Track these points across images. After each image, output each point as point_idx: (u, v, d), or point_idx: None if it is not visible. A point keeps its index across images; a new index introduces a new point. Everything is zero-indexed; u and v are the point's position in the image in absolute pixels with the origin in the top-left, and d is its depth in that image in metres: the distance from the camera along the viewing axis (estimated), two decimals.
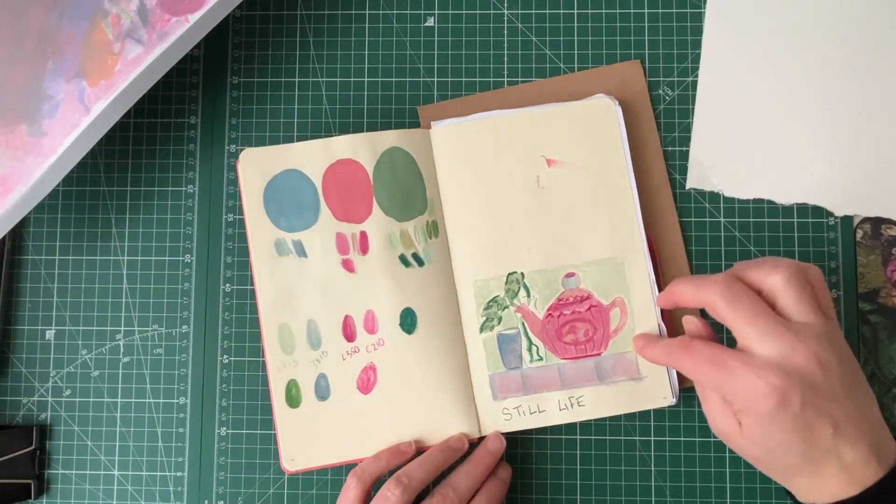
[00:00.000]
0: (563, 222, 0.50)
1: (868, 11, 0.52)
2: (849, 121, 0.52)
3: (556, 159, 0.51)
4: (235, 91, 0.54)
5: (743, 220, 0.52)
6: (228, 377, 0.52)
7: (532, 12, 0.54)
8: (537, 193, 0.51)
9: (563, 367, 0.50)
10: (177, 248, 0.53)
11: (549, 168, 0.51)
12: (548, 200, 0.51)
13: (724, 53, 0.53)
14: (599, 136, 0.51)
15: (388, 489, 0.45)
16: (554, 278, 0.50)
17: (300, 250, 0.50)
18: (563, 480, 0.51)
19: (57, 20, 0.47)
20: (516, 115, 0.51)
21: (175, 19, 0.46)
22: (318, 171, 0.50)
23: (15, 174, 0.47)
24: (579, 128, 0.51)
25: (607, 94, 0.51)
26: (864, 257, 0.52)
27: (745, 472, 0.50)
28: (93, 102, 0.46)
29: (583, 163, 0.51)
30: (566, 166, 0.51)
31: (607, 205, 0.50)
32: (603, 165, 0.51)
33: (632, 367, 0.50)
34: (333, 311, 0.50)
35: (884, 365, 0.51)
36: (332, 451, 0.49)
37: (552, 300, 0.50)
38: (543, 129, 0.51)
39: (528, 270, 0.50)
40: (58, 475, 0.52)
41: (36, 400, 0.53)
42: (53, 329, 0.53)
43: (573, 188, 0.51)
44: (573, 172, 0.51)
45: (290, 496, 0.52)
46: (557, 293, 0.50)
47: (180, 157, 0.54)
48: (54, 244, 0.54)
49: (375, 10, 0.54)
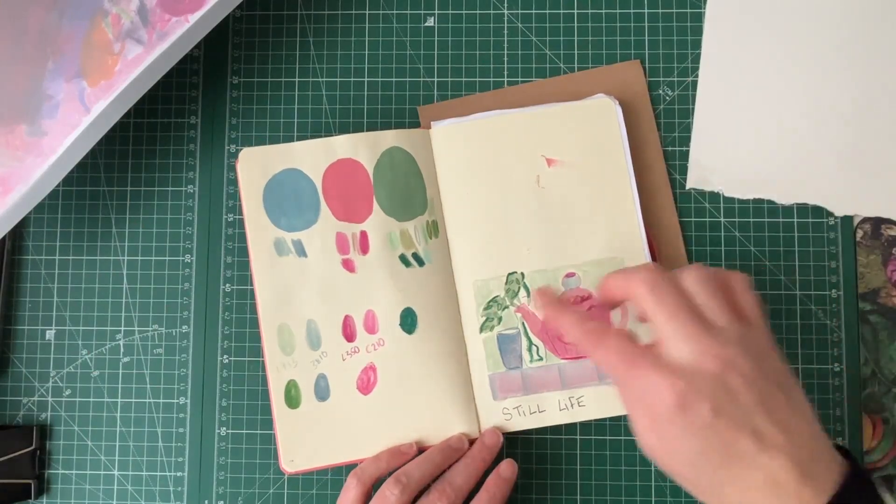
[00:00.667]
0: (563, 222, 0.50)
1: (868, 11, 0.52)
2: (849, 121, 0.52)
3: (556, 159, 0.51)
4: (235, 91, 0.54)
5: (743, 220, 0.52)
6: (228, 377, 0.52)
7: (532, 12, 0.54)
8: (537, 193, 0.51)
9: (564, 367, 0.50)
10: (177, 248, 0.53)
11: (549, 168, 0.51)
12: (548, 200, 0.51)
13: (724, 53, 0.53)
14: (599, 136, 0.51)
15: (387, 488, 0.45)
16: (554, 278, 0.50)
17: (300, 250, 0.50)
18: (563, 480, 0.51)
19: (57, 20, 0.47)
20: (516, 115, 0.51)
21: (175, 19, 0.46)
22: (318, 171, 0.50)
23: (15, 174, 0.47)
24: (579, 128, 0.51)
25: (607, 94, 0.51)
26: (864, 257, 0.52)
27: None
28: (93, 102, 0.46)
29: (583, 163, 0.51)
30: (566, 166, 0.51)
31: (607, 205, 0.50)
32: (603, 165, 0.51)
33: None
34: (333, 311, 0.50)
35: (884, 365, 0.51)
36: (331, 452, 0.49)
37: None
38: (543, 129, 0.51)
39: (528, 270, 0.50)
40: (58, 475, 0.52)
41: (36, 400, 0.53)
42: (53, 329, 0.53)
43: (573, 188, 0.51)
44: (573, 172, 0.51)
45: (290, 496, 0.52)
46: (558, 293, 0.50)
47: (180, 157, 0.54)
48: (54, 244, 0.54)
49: (375, 10, 0.54)
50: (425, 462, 0.47)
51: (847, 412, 0.51)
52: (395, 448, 0.48)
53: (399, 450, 0.48)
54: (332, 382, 0.49)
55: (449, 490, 0.46)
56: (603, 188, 0.50)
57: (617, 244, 0.50)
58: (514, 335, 0.50)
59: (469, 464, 0.47)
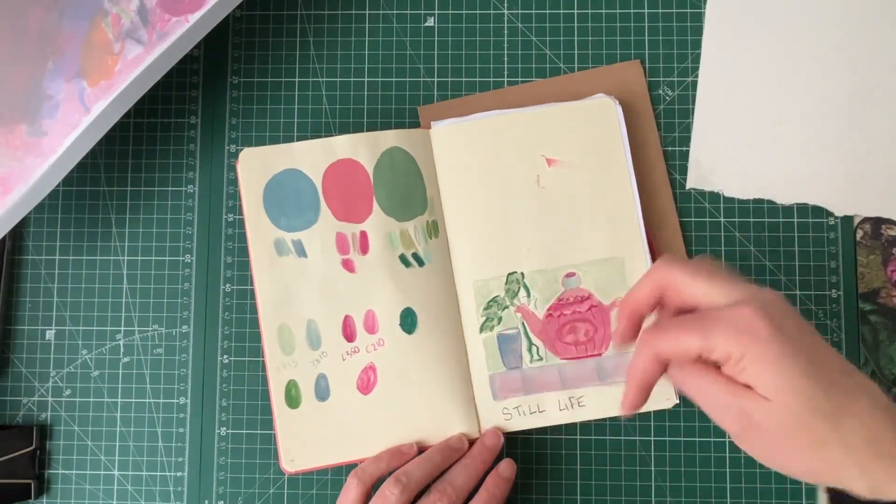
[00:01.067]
0: (563, 222, 0.50)
1: (868, 11, 0.52)
2: (849, 121, 0.52)
3: (556, 159, 0.51)
4: (235, 91, 0.54)
5: (743, 220, 0.52)
6: (228, 377, 0.52)
7: (532, 12, 0.54)
8: (537, 193, 0.51)
9: (564, 367, 0.50)
10: (177, 248, 0.53)
11: (549, 168, 0.51)
12: (548, 200, 0.51)
13: (724, 53, 0.53)
14: (599, 135, 0.51)
15: (387, 488, 0.45)
16: (554, 278, 0.50)
17: (300, 250, 0.50)
18: (563, 480, 0.51)
19: (57, 20, 0.47)
20: (516, 115, 0.51)
21: (175, 19, 0.46)
22: (318, 171, 0.50)
23: (15, 174, 0.47)
24: (579, 127, 0.51)
25: (607, 94, 0.51)
26: (864, 257, 0.52)
27: (745, 472, 0.50)
28: (93, 102, 0.46)
29: (583, 163, 0.51)
30: (566, 166, 0.51)
31: (607, 205, 0.50)
32: (603, 165, 0.51)
33: None
34: (333, 311, 0.50)
35: (884, 365, 0.51)
36: (331, 452, 0.49)
37: (552, 300, 0.50)
38: (543, 129, 0.51)
39: (528, 270, 0.50)
40: (58, 475, 0.52)
41: (36, 400, 0.53)
42: (53, 329, 0.53)
43: (573, 188, 0.51)
44: (573, 172, 0.51)
45: (290, 496, 0.52)
46: (557, 293, 0.50)
47: (180, 157, 0.54)
48: (54, 244, 0.54)
49: (375, 10, 0.54)
50: (425, 462, 0.47)
51: None
52: (396, 448, 0.48)
53: (400, 450, 0.48)
54: (332, 382, 0.49)
55: (450, 490, 0.46)
56: (603, 188, 0.50)
57: (617, 244, 0.50)
58: (515, 335, 0.50)
59: (469, 464, 0.47)
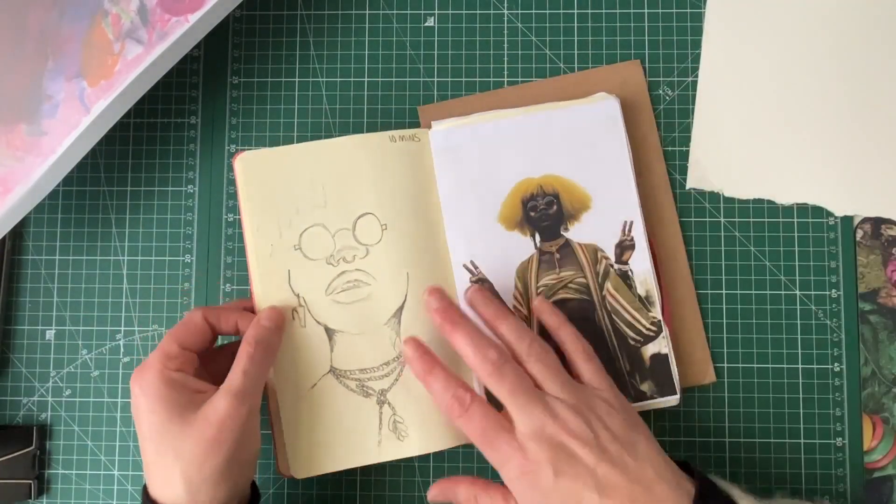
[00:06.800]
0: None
1: (867, 11, 0.52)
2: (849, 121, 0.52)
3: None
4: (235, 91, 0.54)
5: (743, 220, 0.52)
6: None
7: (532, 12, 0.54)
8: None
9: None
10: (177, 248, 0.53)
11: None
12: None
13: (724, 53, 0.53)
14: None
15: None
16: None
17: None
18: None
19: (57, 20, 0.47)
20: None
21: (175, 19, 0.46)
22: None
23: (15, 174, 0.47)
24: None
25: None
26: (864, 257, 0.52)
27: (746, 471, 0.50)
28: (93, 102, 0.46)
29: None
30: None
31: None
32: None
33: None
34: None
35: (884, 365, 0.51)
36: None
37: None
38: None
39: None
40: (58, 475, 0.52)
41: (36, 400, 0.53)
42: (53, 329, 0.53)
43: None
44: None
45: (291, 496, 0.52)
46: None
47: (180, 157, 0.54)
48: (54, 244, 0.54)
49: (375, 10, 0.54)
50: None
51: (847, 412, 0.51)
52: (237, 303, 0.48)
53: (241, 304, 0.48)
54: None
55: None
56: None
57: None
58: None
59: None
